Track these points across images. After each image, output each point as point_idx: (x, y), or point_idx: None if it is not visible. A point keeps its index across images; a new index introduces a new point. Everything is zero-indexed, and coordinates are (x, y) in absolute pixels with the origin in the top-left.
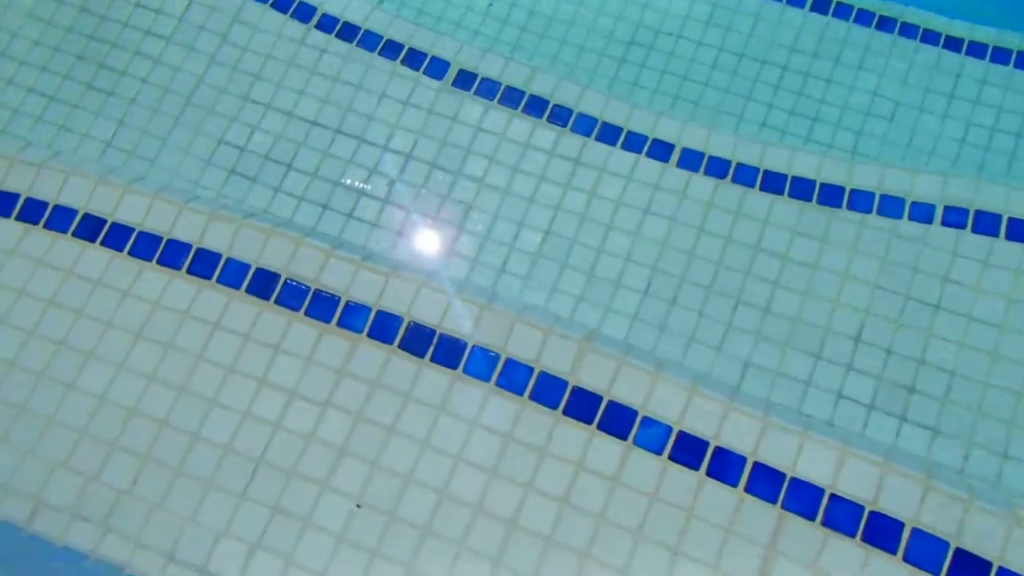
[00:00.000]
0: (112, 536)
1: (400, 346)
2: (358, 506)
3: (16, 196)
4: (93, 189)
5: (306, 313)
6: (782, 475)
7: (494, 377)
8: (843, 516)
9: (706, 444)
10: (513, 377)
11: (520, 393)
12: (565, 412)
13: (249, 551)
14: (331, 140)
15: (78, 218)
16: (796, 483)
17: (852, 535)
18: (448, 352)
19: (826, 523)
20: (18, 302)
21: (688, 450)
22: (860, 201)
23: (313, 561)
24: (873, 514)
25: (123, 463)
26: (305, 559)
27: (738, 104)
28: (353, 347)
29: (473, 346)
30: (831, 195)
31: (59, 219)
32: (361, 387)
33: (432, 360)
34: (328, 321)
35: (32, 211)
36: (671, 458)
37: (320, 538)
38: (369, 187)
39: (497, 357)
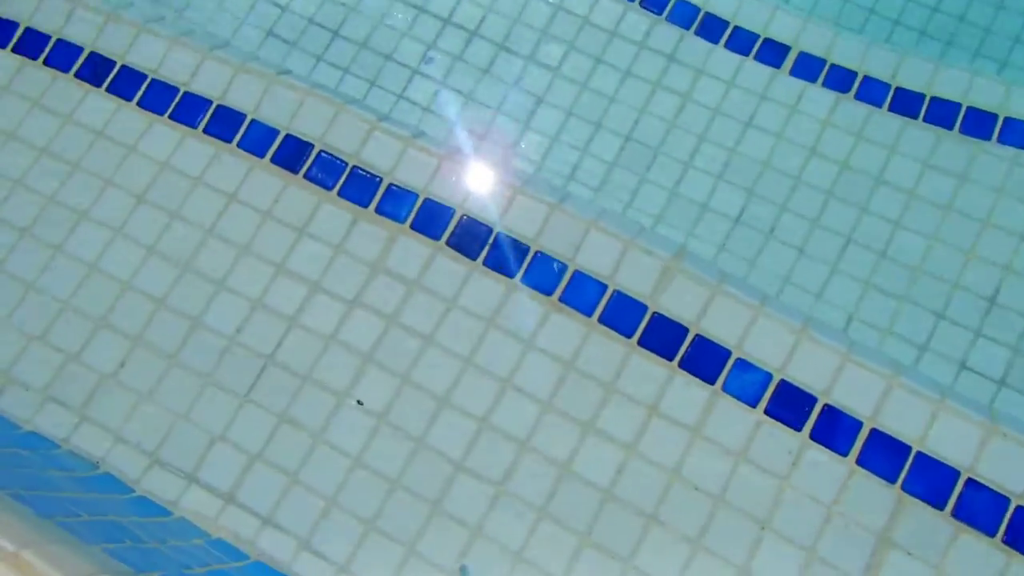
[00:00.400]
0: (89, 426)
1: (448, 243)
2: (359, 402)
3: (15, 25)
4: (103, 25)
5: (340, 193)
6: (906, 448)
7: (558, 291)
8: (981, 508)
9: (813, 400)
10: (581, 294)
11: (588, 313)
12: (641, 342)
13: (247, 462)
14: (386, 7)
15: (83, 56)
16: (923, 460)
17: (990, 533)
18: (505, 256)
19: (958, 514)
20: (6, 146)
21: (790, 405)
22: (1016, 133)
23: (321, 482)
24: (1020, 510)
25: (110, 344)
26: (312, 479)
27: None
28: (392, 239)
29: (536, 252)
30: (979, 123)
31: (61, 56)
32: (398, 286)
33: (485, 264)
34: (365, 205)
35: (31, 43)
36: (768, 412)
37: (332, 458)
38: (425, 65)
39: (564, 268)
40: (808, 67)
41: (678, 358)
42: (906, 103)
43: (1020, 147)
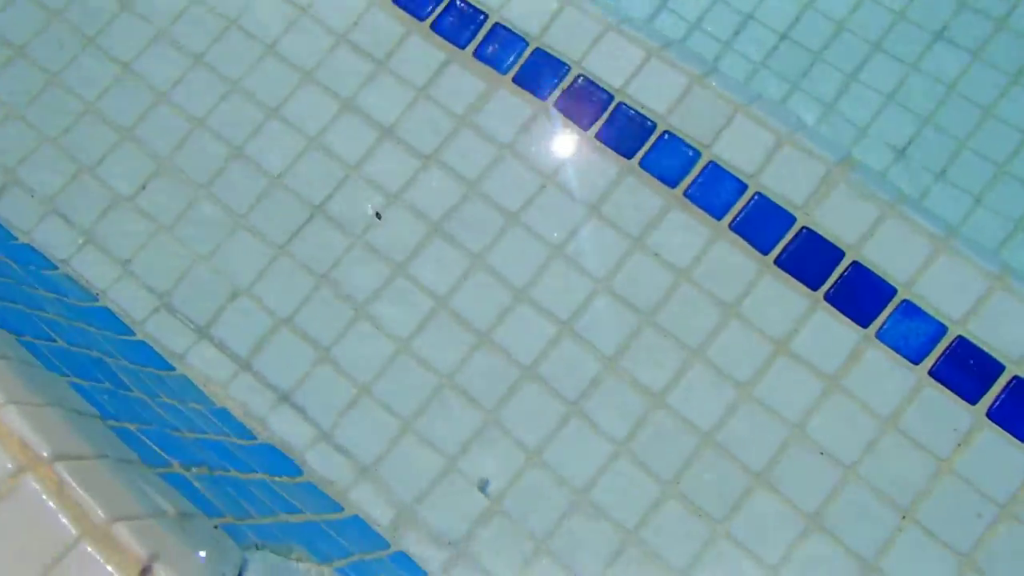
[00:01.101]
0: (94, 250)
1: (557, 105)
2: (377, 215)
3: None
4: None
5: (433, 27)
6: None
7: (684, 183)
8: None
9: (999, 368)
10: (713, 190)
11: (717, 216)
12: (779, 262)
13: (272, 326)
14: None
15: None
16: None
17: None
18: (625, 130)
19: None
20: None
21: (967, 369)
22: None
23: (357, 364)
24: None
25: (133, 160)
26: (347, 359)
27: None
28: (490, 90)
29: (664, 132)
30: None
31: None
32: (488, 148)
33: (598, 137)
34: (463, 46)
35: None
36: (934, 374)
37: (375, 338)
38: None
39: (695, 156)
40: None
41: (825, 288)
42: None
43: None
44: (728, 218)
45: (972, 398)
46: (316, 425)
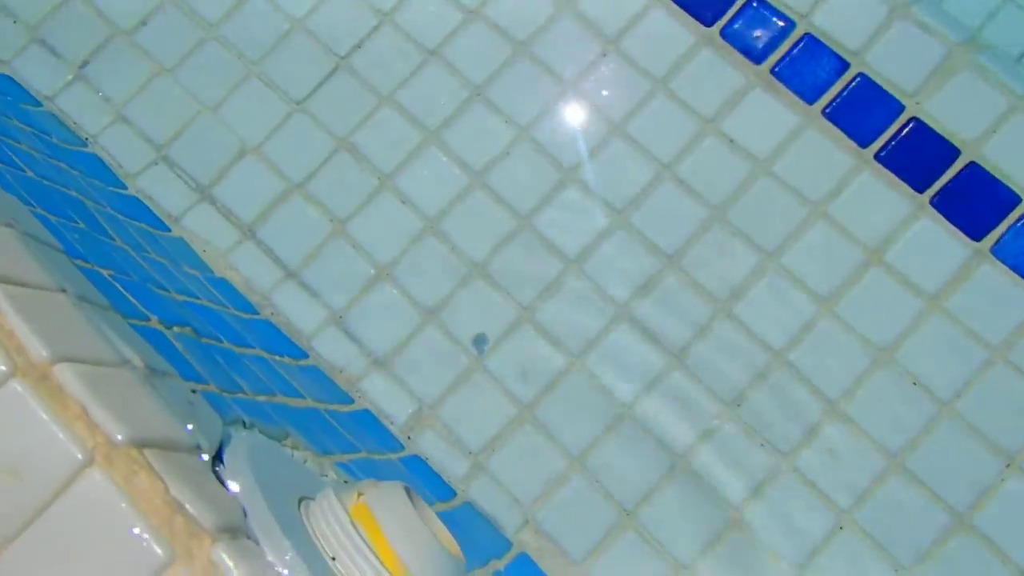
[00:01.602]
0: (85, 89)
1: None
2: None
3: None
4: None
5: None
6: None
7: (772, 59)
8: None
9: None
10: (805, 69)
11: (809, 99)
12: (880, 157)
13: (284, 191)
14: None
15: None
16: None
17: None
18: None
19: None
20: None
21: None
22: None
23: (377, 241)
24: None
25: None
26: (364, 233)
27: None
28: None
29: None
30: None
31: None
32: (542, 5)
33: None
34: None
35: None
36: None
37: (399, 212)
38: None
39: (788, 26)
40: None
41: (933, 191)
42: None
43: None
44: (822, 102)
45: None
46: (327, 307)
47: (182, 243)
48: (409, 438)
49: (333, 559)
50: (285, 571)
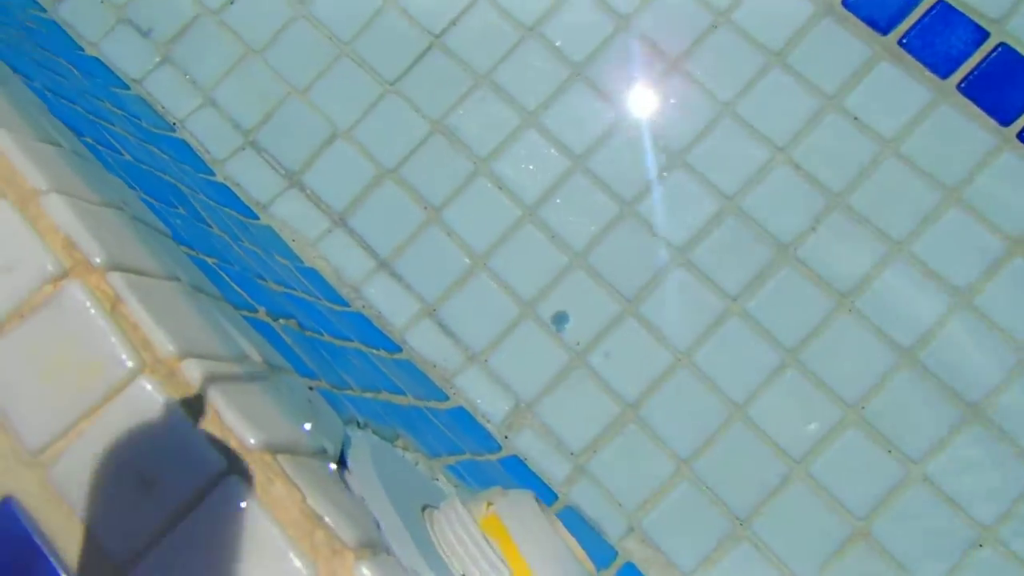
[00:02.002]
0: (172, 71)
1: None
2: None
3: None
4: None
5: None
6: None
7: (900, 28)
8: None
9: None
10: (938, 39)
11: (942, 73)
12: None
13: (376, 177)
14: None
15: None
16: None
17: None
18: None
19: None
20: None
21: None
22: None
23: (475, 231)
24: None
25: None
26: (463, 224)
27: None
28: None
29: None
30: None
31: None
32: None
33: None
34: None
35: None
36: None
37: (497, 200)
38: None
39: None
40: None
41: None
42: None
43: None
44: (957, 76)
45: None
46: (420, 298)
47: (270, 232)
48: (506, 437)
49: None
50: None
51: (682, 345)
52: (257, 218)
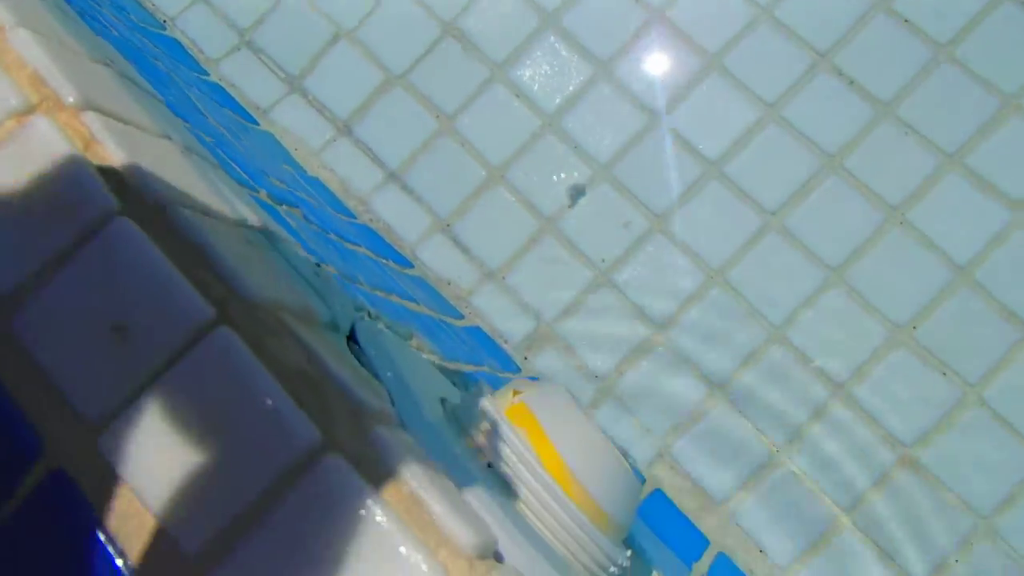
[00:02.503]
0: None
1: None
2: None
3: None
4: None
5: None
6: None
7: None
8: None
9: None
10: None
11: None
12: None
13: (382, 83)
14: None
15: None
16: None
17: None
18: None
19: None
20: None
21: None
22: None
23: (487, 140)
24: None
25: None
26: (476, 131)
27: None
28: None
29: None
30: None
31: None
32: None
33: None
34: None
35: None
36: None
37: (512, 108)
38: None
39: None
40: None
41: None
42: None
43: None
44: None
45: None
46: (433, 213)
47: (271, 139)
48: (526, 358)
49: (489, 466)
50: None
51: (715, 263)
52: (257, 124)
